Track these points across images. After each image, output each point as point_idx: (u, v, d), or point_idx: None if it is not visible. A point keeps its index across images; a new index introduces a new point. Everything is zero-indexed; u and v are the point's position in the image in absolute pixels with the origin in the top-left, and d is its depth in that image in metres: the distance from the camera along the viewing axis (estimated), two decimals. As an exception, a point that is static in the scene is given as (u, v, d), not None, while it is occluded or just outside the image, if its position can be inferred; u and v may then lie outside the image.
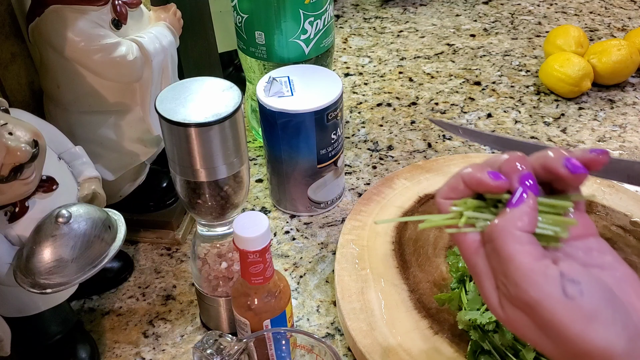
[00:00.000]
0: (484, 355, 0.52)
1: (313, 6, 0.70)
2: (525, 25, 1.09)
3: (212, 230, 0.55)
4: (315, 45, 0.72)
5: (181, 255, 0.69)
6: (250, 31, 0.72)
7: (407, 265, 0.62)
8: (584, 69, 0.87)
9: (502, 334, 0.51)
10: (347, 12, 1.15)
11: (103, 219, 0.48)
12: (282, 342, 0.49)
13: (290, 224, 0.72)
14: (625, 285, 0.36)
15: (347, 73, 0.98)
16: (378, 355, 0.54)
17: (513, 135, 0.83)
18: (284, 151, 0.67)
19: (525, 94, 0.92)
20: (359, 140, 0.84)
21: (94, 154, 0.58)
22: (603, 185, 0.70)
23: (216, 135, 0.47)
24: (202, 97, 0.49)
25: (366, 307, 0.58)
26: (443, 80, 0.95)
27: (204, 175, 0.49)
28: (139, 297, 0.64)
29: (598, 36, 1.04)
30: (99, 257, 0.47)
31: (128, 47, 0.57)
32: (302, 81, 0.67)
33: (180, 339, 0.60)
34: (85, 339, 0.58)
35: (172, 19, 0.62)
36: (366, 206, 0.69)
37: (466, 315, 0.53)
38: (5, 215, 0.48)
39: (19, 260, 0.48)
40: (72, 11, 0.54)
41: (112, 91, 0.59)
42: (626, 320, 0.34)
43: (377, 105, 0.91)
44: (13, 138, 0.44)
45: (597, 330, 0.34)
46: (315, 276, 0.65)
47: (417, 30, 1.09)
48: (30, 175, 0.46)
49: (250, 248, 0.48)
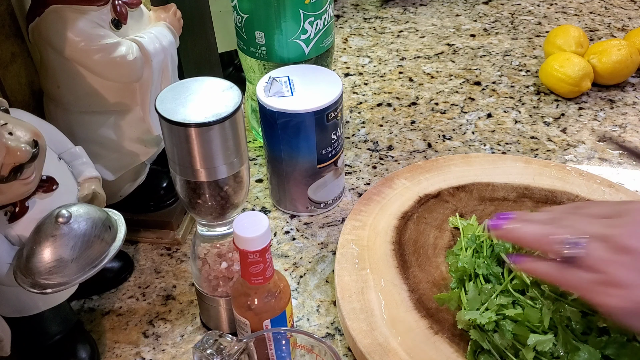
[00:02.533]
0: (483, 355, 0.52)
1: (313, 6, 0.70)
2: (525, 25, 1.09)
3: (212, 230, 0.55)
4: (315, 45, 0.72)
5: (181, 255, 0.69)
6: (250, 31, 0.72)
7: (407, 265, 0.62)
8: (584, 69, 0.87)
9: (502, 334, 0.51)
10: (347, 12, 1.15)
11: (103, 219, 0.48)
12: (282, 342, 0.49)
13: (290, 224, 0.72)
14: None
15: (347, 73, 0.98)
16: (378, 355, 0.54)
17: (513, 135, 0.83)
18: (284, 151, 0.67)
19: (525, 94, 0.92)
20: (359, 140, 0.84)
21: (94, 154, 0.58)
22: (603, 185, 0.70)
23: (216, 135, 0.47)
24: (202, 97, 0.49)
25: (366, 307, 0.58)
26: (443, 80, 0.95)
27: (204, 175, 0.49)
28: (139, 297, 0.64)
29: (598, 36, 1.04)
30: (99, 257, 0.47)
31: (128, 47, 0.57)
32: (302, 81, 0.67)
33: (180, 339, 0.60)
34: (85, 339, 0.58)
35: (172, 19, 0.62)
36: (366, 206, 0.69)
37: (466, 315, 0.53)
38: (5, 215, 0.48)
39: (19, 260, 0.48)
40: (72, 11, 0.54)
41: (112, 91, 0.59)
42: None
43: (377, 105, 0.91)
44: (13, 138, 0.44)
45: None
46: (315, 276, 0.65)
47: (417, 30, 1.09)
48: (30, 175, 0.46)
49: (250, 248, 0.48)
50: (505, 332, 0.50)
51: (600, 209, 0.51)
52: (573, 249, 0.48)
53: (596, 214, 0.50)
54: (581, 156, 0.80)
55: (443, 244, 0.64)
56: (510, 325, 0.51)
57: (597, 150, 0.80)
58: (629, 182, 0.75)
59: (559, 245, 0.48)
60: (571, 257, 0.48)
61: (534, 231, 0.51)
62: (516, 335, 0.50)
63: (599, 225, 0.48)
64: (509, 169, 0.73)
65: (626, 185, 0.74)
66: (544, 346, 0.49)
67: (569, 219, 0.50)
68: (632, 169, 0.77)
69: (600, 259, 0.47)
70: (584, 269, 0.47)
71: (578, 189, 0.70)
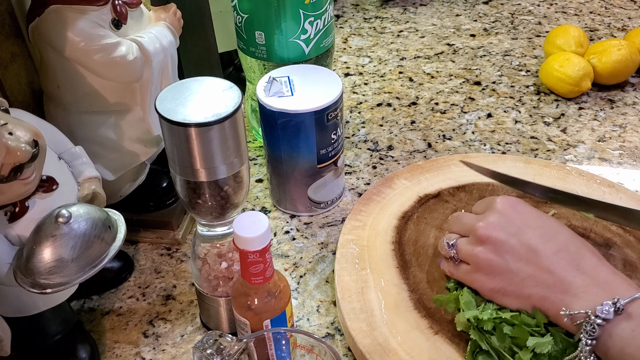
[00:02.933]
0: (482, 355, 0.52)
1: (313, 6, 0.70)
2: (525, 25, 1.09)
3: (212, 230, 0.55)
4: (315, 45, 0.72)
5: (181, 255, 0.69)
6: (250, 31, 0.72)
7: (407, 265, 0.62)
8: (584, 69, 0.87)
9: (500, 335, 0.51)
10: (347, 12, 1.15)
11: (103, 219, 0.48)
12: (282, 342, 0.49)
13: (290, 224, 0.72)
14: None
15: (347, 73, 0.98)
16: (378, 355, 0.54)
17: (513, 135, 0.83)
18: (284, 151, 0.67)
19: (525, 94, 0.92)
20: (359, 140, 0.84)
21: (94, 154, 0.58)
22: (603, 185, 0.70)
23: (216, 135, 0.47)
24: (202, 97, 0.49)
25: (366, 307, 0.58)
26: (443, 80, 0.95)
27: (204, 175, 0.49)
28: (139, 297, 0.64)
29: (598, 36, 1.04)
30: (99, 257, 0.47)
31: (128, 47, 0.57)
32: (302, 81, 0.67)
33: (180, 339, 0.60)
34: (85, 339, 0.58)
35: (172, 19, 0.62)
36: (366, 206, 0.69)
37: (467, 314, 0.53)
38: (5, 215, 0.48)
39: (19, 260, 0.48)
40: (72, 11, 0.54)
41: (112, 91, 0.59)
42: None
43: (377, 105, 0.91)
44: (13, 138, 0.44)
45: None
46: (315, 276, 0.65)
47: (417, 30, 1.09)
48: (30, 175, 0.46)
49: (250, 248, 0.48)
50: (504, 335, 0.51)
51: (482, 205, 0.59)
52: (451, 249, 0.57)
53: (479, 209, 0.58)
54: (581, 156, 0.80)
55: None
56: (509, 329, 0.51)
57: (597, 150, 0.80)
58: (629, 182, 0.75)
59: (444, 248, 0.58)
60: (453, 257, 0.57)
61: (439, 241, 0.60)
62: (514, 338, 0.51)
63: (471, 220, 0.56)
64: (509, 169, 0.73)
65: (626, 185, 0.74)
66: (543, 348, 0.49)
67: (458, 219, 0.59)
68: (632, 169, 0.77)
69: (465, 252, 0.55)
70: (463, 263, 0.56)
71: (578, 189, 0.70)
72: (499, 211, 0.55)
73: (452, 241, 0.57)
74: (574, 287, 0.49)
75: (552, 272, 0.50)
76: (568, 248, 0.52)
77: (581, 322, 0.47)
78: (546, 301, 0.50)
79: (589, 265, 0.50)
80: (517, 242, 0.53)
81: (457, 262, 0.57)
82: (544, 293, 0.50)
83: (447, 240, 0.58)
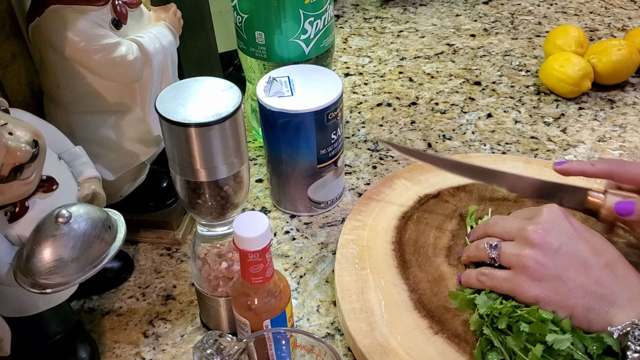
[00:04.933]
0: (491, 353, 0.52)
1: (313, 6, 0.70)
2: (525, 25, 1.09)
3: (212, 230, 0.55)
4: (315, 45, 0.72)
5: (181, 255, 0.69)
6: (250, 31, 0.72)
7: (407, 265, 0.62)
8: (584, 69, 0.87)
9: (517, 335, 0.51)
10: (347, 12, 1.15)
11: (103, 219, 0.48)
12: (282, 342, 0.49)
13: (290, 224, 0.72)
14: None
15: (347, 73, 0.98)
16: (378, 355, 0.54)
17: (513, 135, 0.83)
18: (284, 151, 0.67)
19: (525, 94, 0.92)
20: (359, 140, 0.84)
21: (94, 154, 0.58)
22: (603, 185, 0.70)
23: (216, 135, 0.47)
24: (202, 97, 0.49)
25: (366, 307, 0.58)
26: (443, 80, 0.95)
27: (204, 175, 0.49)
28: (139, 297, 0.64)
29: (598, 36, 1.04)
30: (99, 257, 0.47)
31: (128, 47, 0.57)
32: (302, 81, 0.67)
33: (180, 339, 0.60)
34: (85, 339, 0.58)
35: (172, 19, 0.62)
36: (366, 206, 0.69)
37: (481, 308, 0.53)
38: (5, 215, 0.48)
39: (19, 260, 0.48)
40: (72, 11, 0.54)
41: (112, 91, 0.59)
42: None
43: (377, 105, 0.91)
44: (13, 138, 0.44)
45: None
46: (315, 276, 0.65)
47: (417, 30, 1.09)
48: (30, 175, 0.46)
49: (250, 248, 0.48)
50: (520, 333, 0.51)
51: (527, 212, 0.58)
52: (492, 250, 0.56)
53: (522, 216, 0.58)
54: (581, 156, 0.79)
55: (443, 244, 0.64)
56: (525, 326, 0.51)
57: (597, 150, 0.80)
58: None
59: (484, 251, 0.57)
60: (493, 259, 0.56)
61: (473, 243, 0.60)
62: (530, 335, 0.51)
63: (518, 223, 0.56)
64: (509, 169, 0.73)
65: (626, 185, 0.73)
66: (562, 345, 0.49)
67: (500, 223, 0.58)
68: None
69: (511, 255, 0.54)
70: (500, 270, 0.55)
71: (578, 189, 0.70)
72: (550, 218, 0.55)
73: (495, 243, 0.56)
74: (622, 299, 0.50)
75: (602, 285, 0.51)
76: (616, 264, 0.52)
77: (628, 330, 0.48)
78: (591, 312, 0.51)
79: (633, 283, 0.51)
80: (569, 250, 0.53)
81: (497, 264, 0.56)
82: (590, 304, 0.51)
83: (489, 242, 0.57)
